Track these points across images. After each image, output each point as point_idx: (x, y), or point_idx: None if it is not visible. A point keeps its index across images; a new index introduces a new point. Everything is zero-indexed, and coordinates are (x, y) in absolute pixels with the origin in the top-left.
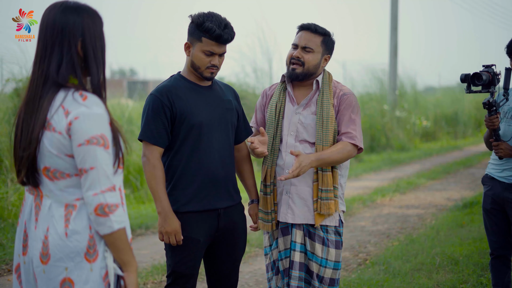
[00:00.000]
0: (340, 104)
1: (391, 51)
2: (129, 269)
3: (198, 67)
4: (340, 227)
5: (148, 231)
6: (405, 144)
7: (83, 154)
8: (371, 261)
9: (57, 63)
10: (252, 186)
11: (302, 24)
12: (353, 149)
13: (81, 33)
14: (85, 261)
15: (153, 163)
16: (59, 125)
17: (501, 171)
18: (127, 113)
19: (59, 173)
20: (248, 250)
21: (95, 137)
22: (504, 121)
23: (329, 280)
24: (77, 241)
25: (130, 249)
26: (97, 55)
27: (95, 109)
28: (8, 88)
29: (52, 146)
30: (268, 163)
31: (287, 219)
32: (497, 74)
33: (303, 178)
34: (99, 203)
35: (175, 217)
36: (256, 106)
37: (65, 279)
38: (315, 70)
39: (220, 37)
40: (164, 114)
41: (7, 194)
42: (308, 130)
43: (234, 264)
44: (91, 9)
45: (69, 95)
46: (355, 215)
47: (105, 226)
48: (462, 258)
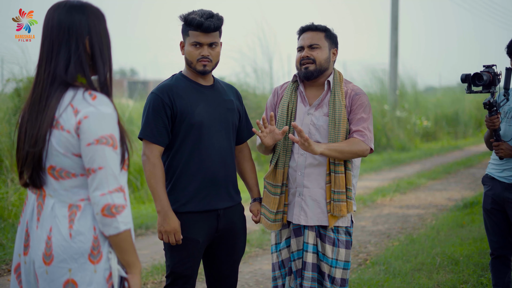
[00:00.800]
0: (353, 104)
1: (391, 51)
2: (133, 270)
3: (191, 62)
4: (350, 228)
5: (148, 231)
6: (406, 144)
7: (92, 153)
8: (371, 261)
9: (65, 63)
10: (254, 186)
11: (301, 27)
12: (365, 147)
13: (87, 31)
14: (89, 262)
15: (153, 161)
16: (67, 123)
17: (501, 171)
18: (128, 113)
19: (65, 173)
20: (248, 250)
21: (105, 136)
22: (505, 121)
23: (340, 280)
24: (81, 242)
25: (135, 251)
26: (104, 52)
27: (105, 108)
28: (8, 88)
29: (60, 145)
30: (280, 164)
31: (300, 221)
32: (498, 74)
33: (315, 180)
34: (107, 203)
35: (175, 216)
36: (267, 104)
37: (68, 281)
38: (327, 65)
39: (201, 24)
40: (164, 113)
41: (7, 194)
42: (321, 132)
43: (234, 265)
44: (94, 7)
45: (79, 94)
46: (356, 215)
47: (111, 227)
48: (462, 258)
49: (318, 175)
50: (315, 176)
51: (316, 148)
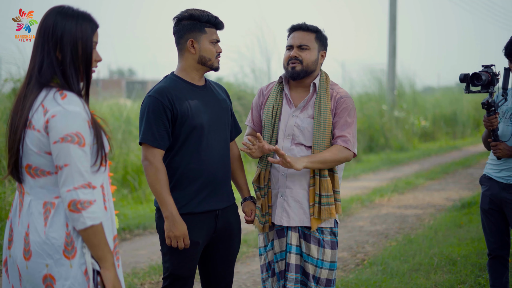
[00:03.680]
0: (337, 107)
1: (389, 51)
2: (104, 264)
3: (209, 59)
4: (335, 228)
5: (146, 231)
6: (404, 144)
7: (58, 151)
8: (369, 261)
9: (40, 64)
10: (244, 185)
11: (292, 25)
12: (348, 153)
13: (60, 37)
14: (64, 258)
15: (156, 166)
16: (38, 123)
17: (499, 171)
18: (126, 113)
19: (40, 171)
20: (246, 250)
21: (70, 134)
22: (503, 121)
23: (325, 281)
24: (54, 239)
25: (106, 245)
26: (76, 61)
27: (72, 107)
28: (6, 88)
29: (33, 144)
30: (263, 165)
31: (282, 222)
32: (496, 74)
33: (298, 181)
34: (72, 199)
35: (182, 220)
36: (252, 104)
37: (46, 275)
38: (314, 67)
39: (219, 22)
40: (165, 116)
41: (4, 194)
42: (305, 134)
43: (229, 265)
44: (81, 14)
45: (50, 94)
46: (353, 215)
47: (79, 222)
48: (460, 259)
49: (302, 176)
50: (298, 177)
51: (298, 165)
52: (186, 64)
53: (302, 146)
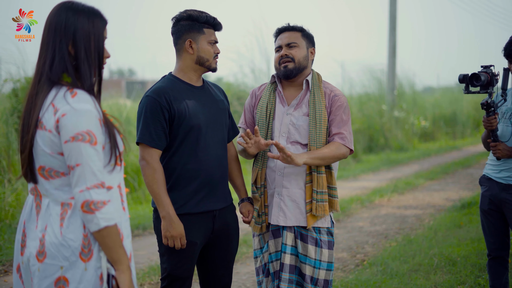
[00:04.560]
0: (332, 105)
1: (389, 51)
2: (120, 267)
3: (207, 60)
4: (332, 228)
5: (145, 232)
6: (404, 144)
7: (69, 151)
8: (368, 262)
9: (50, 61)
10: (241, 185)
11: (277, 28)
12: (346, 150)
13: (72, 32)
14: (80, 261)
15: (154, 166)
16: (49, 123)
17: (498, 171)
18: (125, 113)
19: (54, 172)
20: (246, 250)
21: (81, 133)
22: (502, 122)
23: (323, 281)
24: (71, 240)
25: (121, 247)
26: (90, 56)
27: (82, 105)
28: (6, 89)
29: (45, 144)
30: (258, 165)
31: (279, 222)
32: (496, 74)
33: (294, 180)
34: (85, 200)
35: (179, 220)
36: (245, 106)
37: (60, 278)
38: (306, 63)
39: (218, 24)
40: (162, 116)
41: (4, 195)
42: (300, 132)
43: (228, 265)
44: (91, 10)
45: (60, 93)
46: (353, 216)
47: (92, 223)
48: (460, 259)
49: (298, 175)
50: (294, 176)
51: (298, 160)
52: (184, 65)
53: (298, 144)
